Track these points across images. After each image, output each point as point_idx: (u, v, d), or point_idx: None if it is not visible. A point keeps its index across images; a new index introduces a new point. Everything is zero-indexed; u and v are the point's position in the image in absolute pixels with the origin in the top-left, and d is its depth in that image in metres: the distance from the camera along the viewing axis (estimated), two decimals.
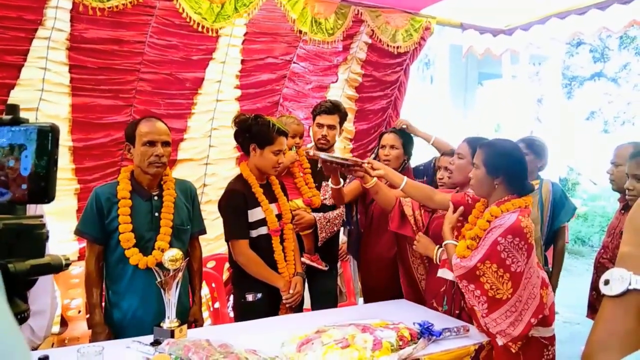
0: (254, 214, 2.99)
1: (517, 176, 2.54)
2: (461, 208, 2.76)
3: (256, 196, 3.01)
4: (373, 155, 3.95)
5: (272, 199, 3.11)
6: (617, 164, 3.12)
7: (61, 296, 3.65)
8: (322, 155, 2.99)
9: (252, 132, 2.97)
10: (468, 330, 2.56)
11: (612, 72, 14.98)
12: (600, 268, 3.23)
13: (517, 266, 2.38)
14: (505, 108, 12.31)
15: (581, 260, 9.27)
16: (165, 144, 2.76)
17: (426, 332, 2.42)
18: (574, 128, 14.31)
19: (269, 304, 3.02)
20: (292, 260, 3.13)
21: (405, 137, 3.71)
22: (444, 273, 2.79)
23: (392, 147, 3.62)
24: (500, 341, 2.42)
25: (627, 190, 2.58)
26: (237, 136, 3.08)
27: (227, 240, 3.05)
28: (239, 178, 3.09)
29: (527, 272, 2.41)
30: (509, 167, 2.53)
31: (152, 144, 2.71)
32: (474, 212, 2.70)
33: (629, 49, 14.30)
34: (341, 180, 3.26)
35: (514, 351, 2.40)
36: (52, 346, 3.30)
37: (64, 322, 3.64)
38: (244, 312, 3.02)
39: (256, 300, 3.01)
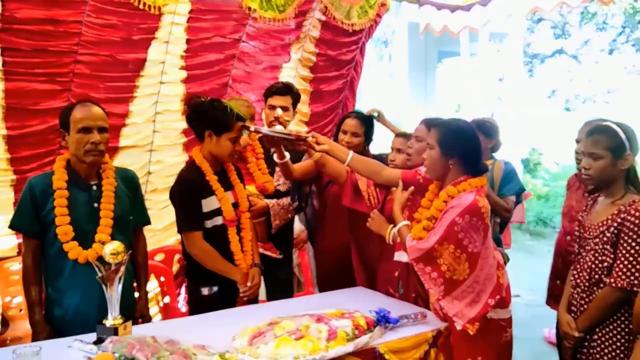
0: (209, 204, 2.85)
1: (472, 156, 2.50)
2: (411, 188, 2.70)
3: (210, 184, 2.87)
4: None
5: (228, 186, 2.97)
6: None
7: (1, 294, 3.51)
8: (264, 130, 2.92)
9: (208, 118, 2.82)
10: (425, 317, 2.51)
11: (573, 49, 15.17)
12: (568, 256, 3.16)
13: (474, 246, 2.35)
14: (466, 87, 12.35)
15: (543, 242, 9.31)
16: (102, 129, 2.60)
17: (383, 320, 2.38)
18: (536, 107, 14.47)
19: (226, 297, 2.90)
20: (250, 251, 3.00)
21: (368, 123, 3.57)
22: (400, 256, 2.73)
23: (354, 134, 3.45)
24: (458, 325, 2.38)
25: (583, 170, 2.51)
26: (190, 120, 2.94)
27: (179, 232, 2.92)
28: (192, 165, 2.93)
29: (484, 252, 2.39)
30: (464, 146, 2.48)
31: (87, 130, 2.55)
32: (427, 195, 2.64)
33: (589, 24, 14.48)
34: (287, 154, 3.14)
35: (472, 333, 2.36)
36: None
37: (4, 322, 3.50)
38: (199, 307, 2.89)
39: (212, 294, 2.89)
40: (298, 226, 3.95)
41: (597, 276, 2.43)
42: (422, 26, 5.01)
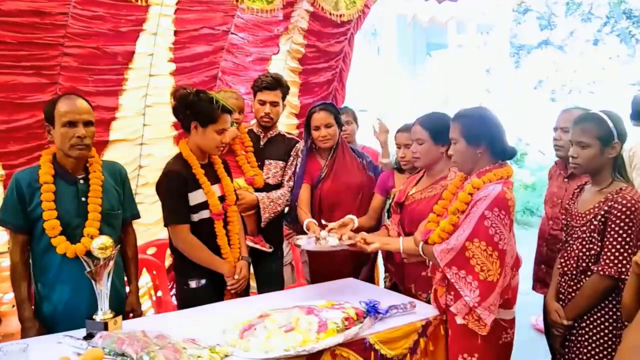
0: (195, 197, 2.84)
1: (498, 138, 2.44)
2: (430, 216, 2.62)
3: (197, 177, 2.85)
4: (303, 143, 3.54)
5: (215, 179, 2.95)
6: (566, 129, 2.91)
7: None
8: (315, 248, 2.88)
9: (193, 109, 2.79)
10: (415, 306, 2.52)
11: (558, 40, 15.20)
12: (551, 240, 3.18)
13: (504, 243, 2.27)
14: (454, 79, 12.33)
15: (530, 231, 9.30)
16: (88, 123, 2.56)
17: (372, 311, 2.39)
18: (523, 98, 14.48)
19: (214, 290, 2.91)
20: (237, 244, 2.99)
21: (335, 110, 3.44)
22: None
23: (327, 125, 3.34)
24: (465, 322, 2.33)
25: (570, 158, 2.51)
26: (176, 112, 2.90)
27: (166, 225, 2.89)
28: (179, 158, 2.90)
29: (510, 250, 2.34)
30: (488, 131, 2.42)
31: (72, 124, 2.52)
32: (450, 188, 2.57)
33: (574, 15, 14.52)
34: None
35: (484, 333, 2.30)
36: None
37: None
38: (187, 300, 2.89)
39: (200, 286, 2.89)
40: None
41: (584, 264, 2.43)
42: (410, 17, 5.01)
